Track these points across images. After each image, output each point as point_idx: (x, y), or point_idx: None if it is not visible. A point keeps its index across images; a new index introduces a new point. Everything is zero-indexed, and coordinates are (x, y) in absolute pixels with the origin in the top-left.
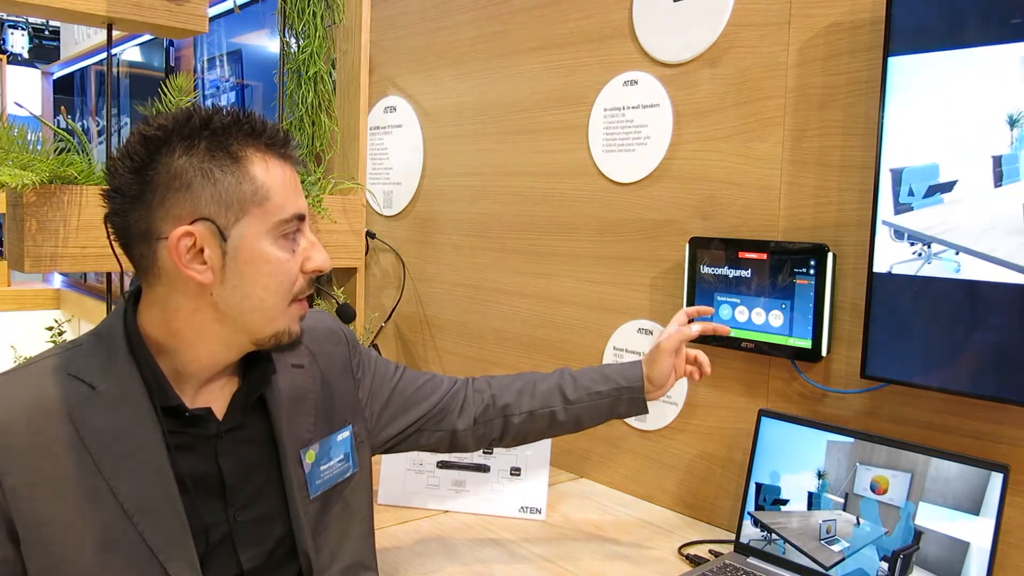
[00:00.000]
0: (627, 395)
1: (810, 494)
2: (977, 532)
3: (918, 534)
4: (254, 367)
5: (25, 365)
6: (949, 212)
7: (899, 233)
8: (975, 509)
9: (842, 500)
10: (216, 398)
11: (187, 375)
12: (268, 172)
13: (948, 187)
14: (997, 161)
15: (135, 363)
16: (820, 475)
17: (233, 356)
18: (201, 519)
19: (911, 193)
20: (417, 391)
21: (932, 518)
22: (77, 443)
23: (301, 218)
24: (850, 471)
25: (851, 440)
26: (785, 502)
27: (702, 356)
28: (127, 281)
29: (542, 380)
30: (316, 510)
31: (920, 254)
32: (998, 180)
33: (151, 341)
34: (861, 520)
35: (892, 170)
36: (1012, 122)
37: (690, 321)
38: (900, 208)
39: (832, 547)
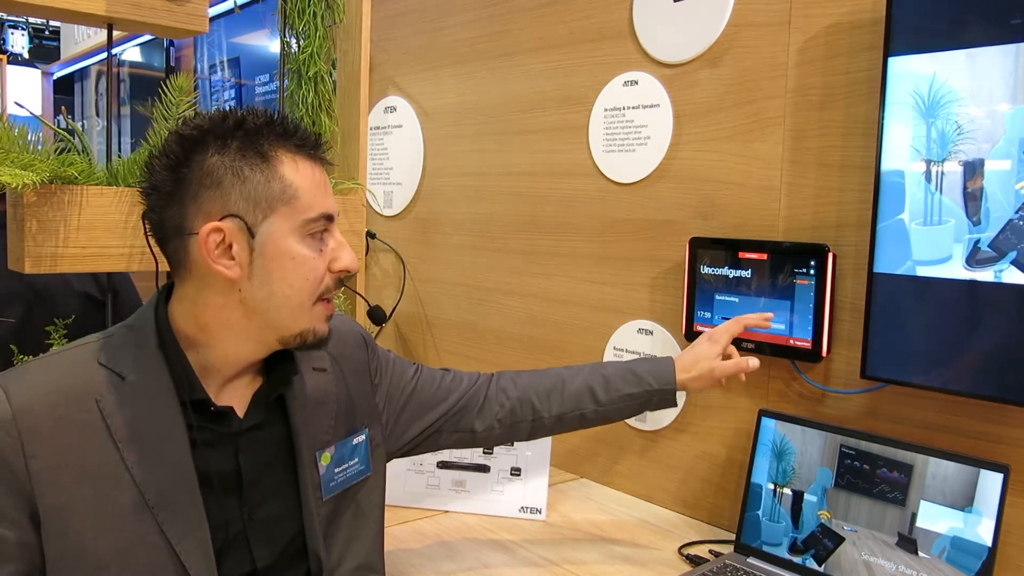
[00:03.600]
0: (658, 397)
1: (807, 499)
2: (978, 531)
3: (913, 540)
4: (276, 367)
5: (57, 352)
6: None
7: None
8: (974, 509)
9: (838, 505)
10: (238, 396)
11: (214, 370)
12: (297, 172)
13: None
14: None
15: (164, 356)
16: (819, 479)
17: (260, 353)
18: (218, 514)
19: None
20: (435, 393)
21: (933, 518)
22: (103, 431)
23: (329, 218)
24: (845, 475)
25: (849, 437)
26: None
27: (751, 361)
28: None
29: (572, 378)
30: (329, 511)
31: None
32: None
33: (181, 335)
34: (858, 527)
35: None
36: None
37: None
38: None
39: (830, 547)
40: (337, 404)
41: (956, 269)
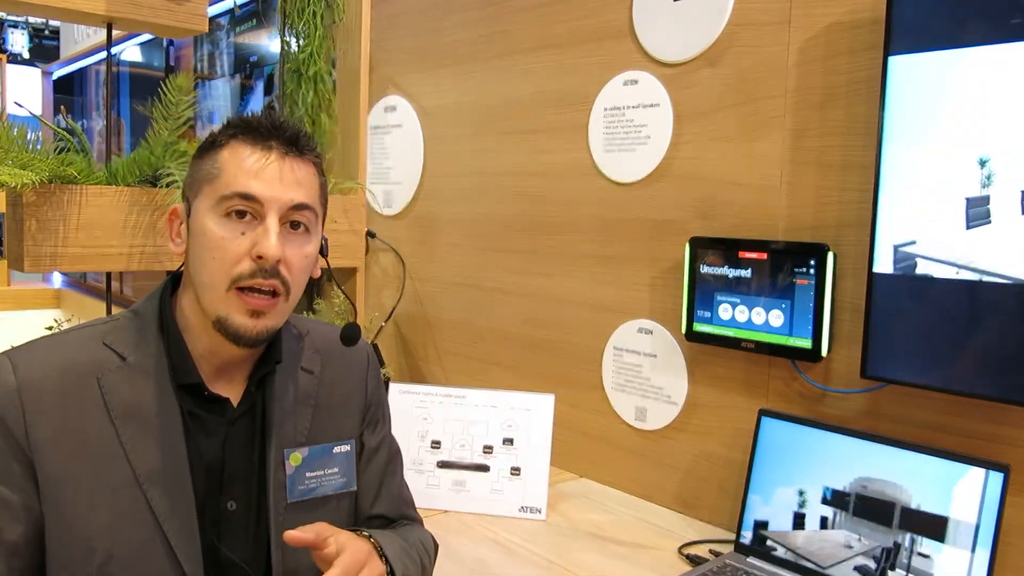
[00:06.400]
0: None
1: (810, 512)
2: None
3: (897, 545)
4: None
5: (64, 332)
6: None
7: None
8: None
9: (842, 514)
10: (234, 388)
11: (205, 357)
12: (232, 154)
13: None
14: None
15: (164, 340)
16: (823, 493)
17: (218, 339)
18: (201, 499)
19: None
20: (383, 484)
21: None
22: (102, 408)
23: (247, 197)
24: (850, 487)
25: (848, 437)
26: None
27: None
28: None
29: None
30: (298, 518)
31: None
32: None
33: (182, 320)
34: (861, 536)
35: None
36: None
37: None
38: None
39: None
40: (315, 408)
41: None
